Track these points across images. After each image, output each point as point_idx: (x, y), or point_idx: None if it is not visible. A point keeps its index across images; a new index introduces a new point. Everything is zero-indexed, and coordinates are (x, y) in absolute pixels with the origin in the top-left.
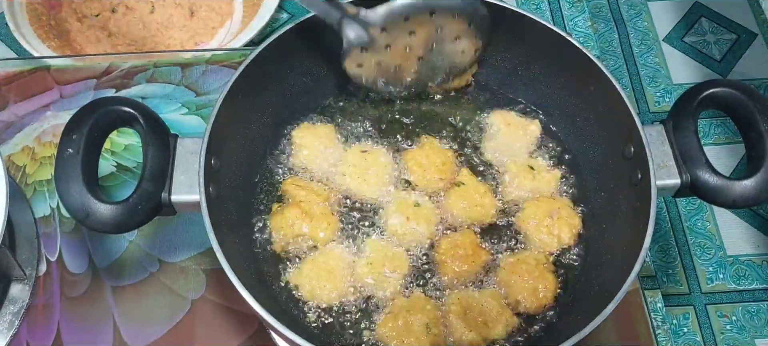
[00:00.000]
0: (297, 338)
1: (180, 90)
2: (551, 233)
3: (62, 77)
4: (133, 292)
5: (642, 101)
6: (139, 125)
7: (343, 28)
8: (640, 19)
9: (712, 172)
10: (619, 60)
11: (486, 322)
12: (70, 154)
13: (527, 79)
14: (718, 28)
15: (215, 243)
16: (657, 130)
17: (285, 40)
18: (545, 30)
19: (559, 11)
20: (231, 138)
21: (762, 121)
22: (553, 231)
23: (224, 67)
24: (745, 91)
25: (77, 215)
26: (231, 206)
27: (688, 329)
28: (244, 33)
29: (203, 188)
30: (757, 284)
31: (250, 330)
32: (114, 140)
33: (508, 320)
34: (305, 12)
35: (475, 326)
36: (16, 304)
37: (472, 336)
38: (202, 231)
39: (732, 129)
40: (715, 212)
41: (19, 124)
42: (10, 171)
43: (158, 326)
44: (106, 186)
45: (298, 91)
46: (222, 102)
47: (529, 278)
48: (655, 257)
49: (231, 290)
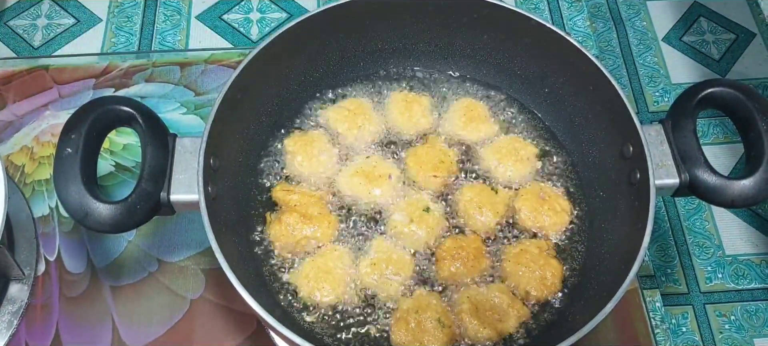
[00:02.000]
0: (296, 338)
1: (179, 89)
2: (542, 216)
3: (61, 77)
4: (132, 292)
5: (641, 101)
6: (138, 125)
7: None
8: (638, 18)
9: (710, 171)
10: (618, 60)
11: (499, 317)
12: (69, 153)
13: (526, 79)
14: (716, 27)
15: (214, 243)
16: (656, 129)
17: (284, 39)
18: (544, 29)
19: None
20: (230, 137)
21: (760, 121)
22: (545, 213)
23: (223, 66)
24: (743, 90)
25: (76, 214)
26: (230, 206)
27: (686, 328)
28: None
29: (202, 188)
30: (756, 284)
31: (249, 330)
32: (113, 140)
33: (520, 311)
34: (304, 11)
35: (489, 323)
36: (15, 304)
37: (487, 332)
38: (201, 231)
39: (731, 128)
40: (713, 212)
41: (17, 123)
42: (9, 171)
43: (157, 326)
44: (104, 186)
45: (297, 91)
46: (221, 101)
47: (534, 267)
48: (654, 256)
49: (230, 289)
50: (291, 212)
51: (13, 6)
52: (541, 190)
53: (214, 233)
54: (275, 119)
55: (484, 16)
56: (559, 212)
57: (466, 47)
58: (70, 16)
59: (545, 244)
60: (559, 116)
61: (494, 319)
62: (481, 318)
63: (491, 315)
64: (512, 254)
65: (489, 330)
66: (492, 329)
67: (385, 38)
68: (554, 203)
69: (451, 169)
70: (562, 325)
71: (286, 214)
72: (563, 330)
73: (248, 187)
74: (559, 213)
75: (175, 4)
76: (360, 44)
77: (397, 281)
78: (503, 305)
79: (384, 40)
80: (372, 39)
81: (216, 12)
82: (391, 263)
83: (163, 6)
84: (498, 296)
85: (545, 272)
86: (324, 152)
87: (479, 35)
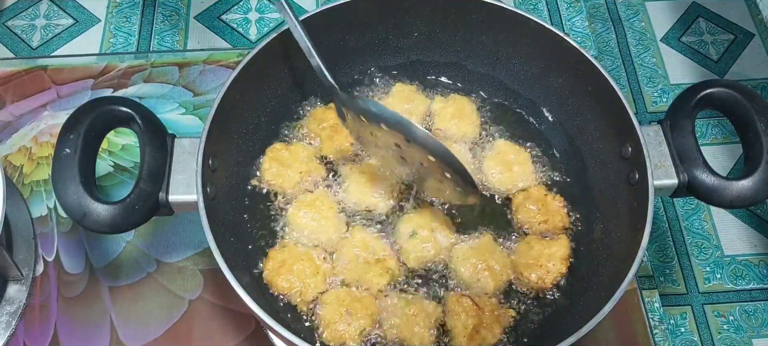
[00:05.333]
0: (294, 338)
1: (177, 90)
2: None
3: (59, 77)
4: (130, 292)
5: (639, 101)
6: (137, 125)
7: (333, 93)
8: (637, 19)
9: (709, 172)
10: (617, 60)
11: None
12: (68, 154)
13: (525, 80)
14: (715, 28)
15: (213, 243)
16: (654, 130)
17: (283, 40)
18: (543, 30)
19: (556, 11)
20: (229, 138)
21: (759, 122)
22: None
23: (222, 66)
24: (742, 91)
25: (74, 215)
26: (228, 206)
27: (685, 328)
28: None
29: (200, 188)
30: (754, 284)
31: (247, 330)
32: (111, 140)
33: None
34: (303, 12)
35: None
36: (13, 304)
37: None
38: (200, 231)
39: (729, 129)
40: (712, 212)
41: (16, 124)
42: (7, 171)
43: (155, 327)
44: (103, 186)
45: (295, 91)
46: (219, 102)
47: (540, 252)
48: (653, 256)
49: (228, 290)
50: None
51: (11, 6)
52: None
53: (213, 234)
54: (274, 120)
55: (483, 17)
56: (556, 216)
57: (465, 47)
58: (68, 16)
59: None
60: (558, 117)
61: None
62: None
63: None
64: (519, 249)
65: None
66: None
67: (384, 38)
68: (550, 205)
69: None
70: (560, 325)
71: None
72: (562, 330)
73: (247, 187)
74: (556, 217)
75: (173, 4)
76: (359, 44)
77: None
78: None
79: (383, 40)
80: (371, 39)
81: (214, 12)
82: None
83: (161, 6)
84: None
85: (550, 261)
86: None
87: (478, 36)
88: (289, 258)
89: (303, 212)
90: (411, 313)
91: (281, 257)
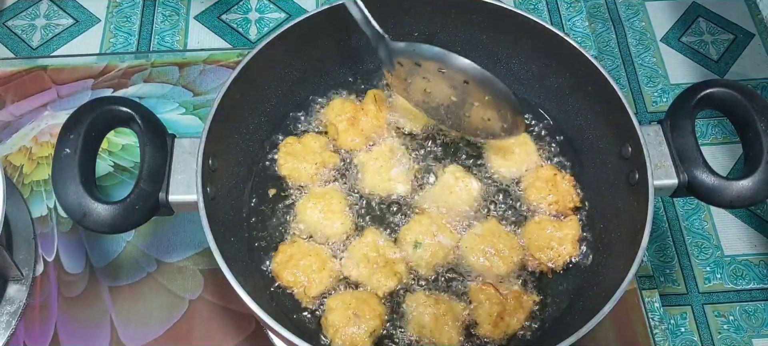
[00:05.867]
0: (294, 339)
1: (177, 90)
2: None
3: (59, 77)
4: (131, 292)
5: (639, 101)
6: (137, 125)
7: (377, 46)
8: (637, 19)
9: (709, 172)
10: (617, 60)
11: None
12: (68, 154)
13: (525, 80)
14: (715, 28)
15: (213, 243)
16: (654, 130)
17: (283, 40)
18: (543, 30)
19: (556, 11)
20: (229, 138)
21: (759, 121)
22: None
23: (222, 66)
24: (742, 91)
25: (74, 215)
26: (228, 206)
27: (685, 328)
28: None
29: (201, 188)
30: (755, 284)
31: (247, 330)
32: (111, 140)
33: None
34: (303, 12)
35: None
36: (13, 304)
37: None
38: (200, 231)
39: (729, 129)
40: (712, 212)
41: (16, 124)
42: (7, 171)
43: (155, 327)
44: (103, 186)
45: (296, 91)
46: (220, 102)
47: (550, 234)
48: (653, 256)
49: (228, 290)
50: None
51: (11, 6)
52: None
53: (213, 234)
54: (274, 120)
55: (483, 17)
56: (567, 197)
57: (465, 47)
58: (68, 16)
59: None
60: (558, 117)
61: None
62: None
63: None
64: (528, 229)
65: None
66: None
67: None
68: (562, 185)
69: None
70: (561, 325)
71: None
72: (562, 331)
73: (247, 187)
74: (567, 198)
75: (173, 4)
76: (359, 44)
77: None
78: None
79: None
80: (371, 40)
81: (214, 12)
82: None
83: (161, 6)
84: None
85: (561, 241)
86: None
87: (478, 36)
88: (298, 253)
89: (312, 204)
90: (440, 312)
91: (290, 251)
